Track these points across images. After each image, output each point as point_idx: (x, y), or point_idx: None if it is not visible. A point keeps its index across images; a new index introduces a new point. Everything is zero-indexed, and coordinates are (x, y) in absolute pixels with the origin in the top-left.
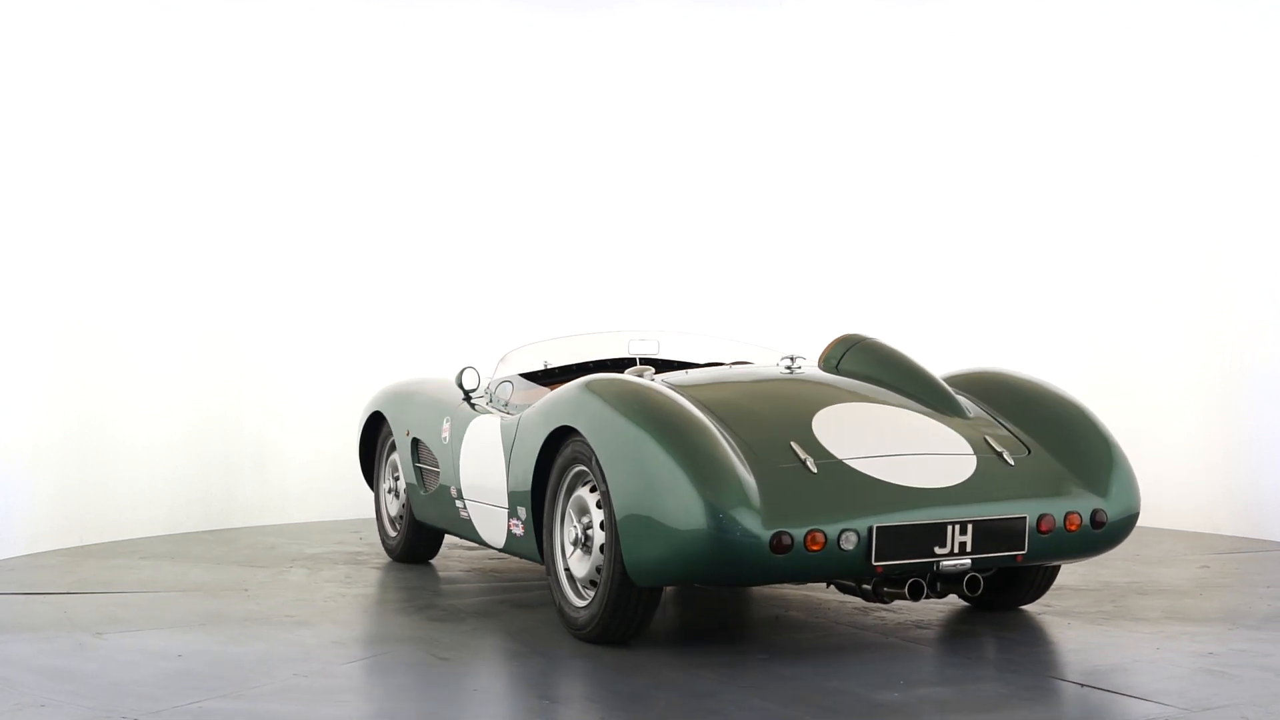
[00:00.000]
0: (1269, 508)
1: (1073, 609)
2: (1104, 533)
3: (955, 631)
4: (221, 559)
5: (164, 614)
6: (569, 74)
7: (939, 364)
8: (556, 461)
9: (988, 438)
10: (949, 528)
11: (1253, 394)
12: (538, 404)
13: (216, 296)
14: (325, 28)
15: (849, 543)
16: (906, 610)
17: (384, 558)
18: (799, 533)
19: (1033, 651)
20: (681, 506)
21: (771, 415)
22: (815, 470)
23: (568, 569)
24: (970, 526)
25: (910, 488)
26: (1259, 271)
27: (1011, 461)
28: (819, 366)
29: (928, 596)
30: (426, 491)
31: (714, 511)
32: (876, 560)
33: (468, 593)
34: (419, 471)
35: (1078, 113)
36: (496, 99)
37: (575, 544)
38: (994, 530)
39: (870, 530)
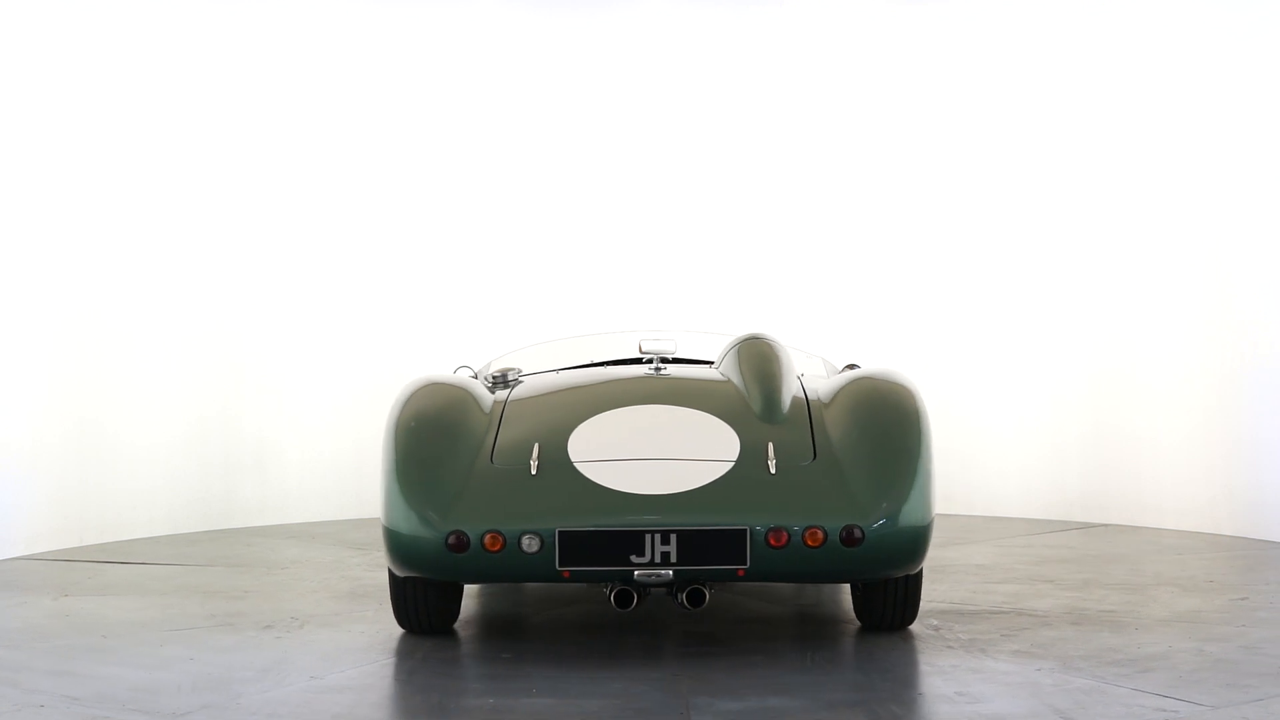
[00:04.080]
0: (1269, 508)
1: (951, 635)
2: (861, 550)
3: (770, 645)
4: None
5: (134, 583)
6: (570, 74)
7: (932, 363)
8: None
9: (772, 444)
10: (647, 536)
11: (1253, 393)
12: None
13: (216, 296)
14: (326, 28)
15: (532, 546)
16: (773, 623)
17: None
18: (475, 533)
19: (746, 674)
20: (386, 502)
21: (551, 416)
22: (534, 473)
23: None
24: (674, 536)
25: (618, 492)
26: (1259, 271)
27: (773, 470)
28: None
29: (695, 607)
30: None
31: (399, 508)
32: (561, 565)
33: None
34: None
35: (1079, 112)
36: (499, 99)
37: None
38: (704, 541)
39: (554, 534)
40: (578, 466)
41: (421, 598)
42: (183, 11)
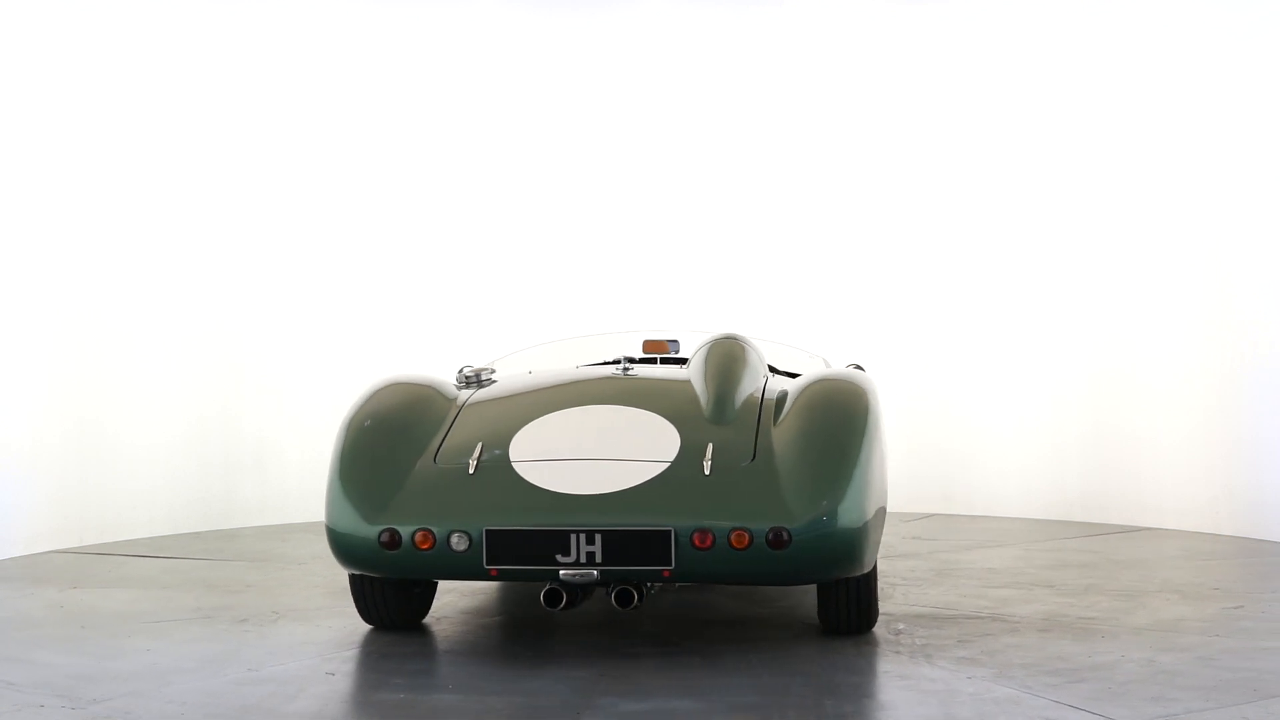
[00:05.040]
0: (1269, 508)
1: (908, 640)
2: (789, 552)
3: (710, 648)
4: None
5: (147, 577)
6: (570, 74)
7: (933, 363)
8: None
9: (712, 445)
10: (573, 536)
11: (1253, 393)
12: None
13: (216, 296)
14: (326, 29)
15: (461, 544)
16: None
17: None
18: (407, 531)
19: (671, 676)
20: (327, 499)
21: (503, 417)
22: (472, 472)
23: None
24: (599, 536)
25: (547, 492)
26: (1259, 271)
27: (708, 471)
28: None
29: (624, 607)
30: None
31: (337, 505)
32: (489, 564)
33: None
34: None
35: (1078, 113)
36: (499, 100)
37: None
38: (629, 542)
39: (482, 533)
40: (515, 466)
41: (379, 594)
42: (183, 11)
